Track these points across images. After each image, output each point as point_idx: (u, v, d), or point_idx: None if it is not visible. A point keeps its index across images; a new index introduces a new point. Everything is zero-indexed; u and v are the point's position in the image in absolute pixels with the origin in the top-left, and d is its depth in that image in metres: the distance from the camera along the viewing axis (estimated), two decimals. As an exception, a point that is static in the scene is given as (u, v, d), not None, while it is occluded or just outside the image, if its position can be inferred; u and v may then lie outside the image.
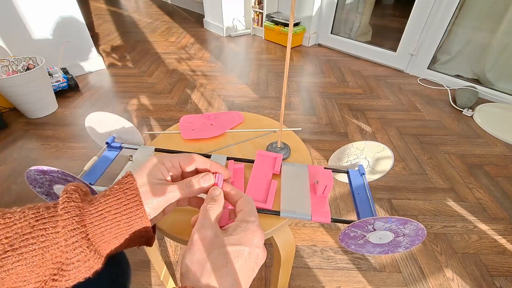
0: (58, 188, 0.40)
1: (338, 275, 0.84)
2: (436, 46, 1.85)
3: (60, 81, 1.66)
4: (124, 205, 0.26)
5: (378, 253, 0.41)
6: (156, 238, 0.33)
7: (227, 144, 0.56)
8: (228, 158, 0.49)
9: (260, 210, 0.41)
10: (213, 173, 0.32)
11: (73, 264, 0.24)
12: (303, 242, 0.93)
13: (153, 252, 0.74)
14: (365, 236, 0.38)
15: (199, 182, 0.30)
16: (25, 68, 1.51)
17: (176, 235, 0.39)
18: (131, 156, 0.49)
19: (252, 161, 0.49)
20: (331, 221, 0.40)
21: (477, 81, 1.79)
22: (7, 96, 1.39)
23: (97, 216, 0.25)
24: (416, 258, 0.88)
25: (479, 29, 1.72)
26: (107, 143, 0.51)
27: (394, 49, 2.06)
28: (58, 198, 0.31)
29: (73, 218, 0.24)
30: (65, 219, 0.24)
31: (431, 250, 0.91)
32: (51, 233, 0.24)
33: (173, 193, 0.29)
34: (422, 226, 0.35)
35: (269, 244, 0.93)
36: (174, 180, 0.31)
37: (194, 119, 0.62)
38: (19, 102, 1.43)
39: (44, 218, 0.24)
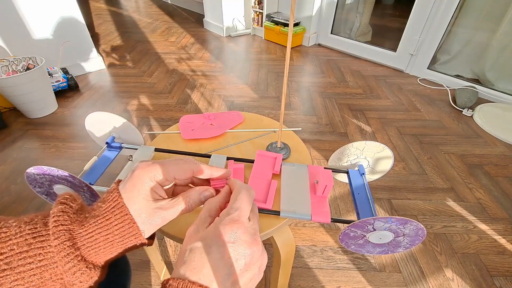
0: (58, 188, 0.40)
1: (338, 275, 0.84)
2: (436, 46, 1.85)
3: (60, 81, 1.66)
4: (115, 225, 0.25)
5: (378, 253, 0.41)
6: (156, 238, 0.33)
7: (227, 144, 0.56)
8: (228, 158, 0.49)
9: (260, 210, 0.41)
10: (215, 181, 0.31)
11: (76, 285, 0.24)
12: (303, 242, 0.93)
13: (153, 252, 0.74)
14: (365, 236, 0.38)
15: (200, 200, 0.29)
16: (25, 68, 1.51)
17: (176, 235, 0.39)
18: (131, 156, 0.49)
19: (252, 161, 0.49)
20: (331, 221, 0.40)
21: (477, 81, 1.79)
22: (7, 96, 1.39)
23: (88, 239, 0.25)
24: (416, 258, 0.88)
25: (479, 29, 1.72)
26: (107, 143, 0.51)
27: (394, 49, 2.06)
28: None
29: (64, 243, 0.24)
30: (56, 245, 0.23)
31: (431, 250, 0.91)
32: (48, 251, 0.23)
33: (171, 214, 0.27)
34: (422, 226, 0.35)
35: (269, 244, 0.93)
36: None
37: (194, 119, 0.62)
38: (19, 102, 1.43)
39: (42, 235, 0.24)
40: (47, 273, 0.23)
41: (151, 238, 0.30)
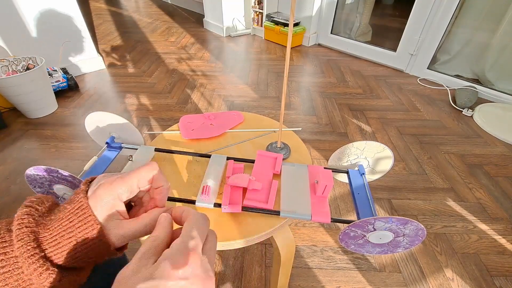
0: (58, 188, 0.40)
1: (338, 275, 0.84)
2: (436, 46, 1.85)
3: (60, 81, 1.66)
4: (77, 227, 0.25)
5: (378, 253, 0.41)
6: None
7: (227, 144, 0.56)
8: (228, 158, 0.49)
9: (260, 210, 0.41)
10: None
11: (46, 286, 0.24)
12: (303, 242, 0.93)
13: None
14: (365, 236, 0.38)
15: (156, 220, 0.27)
16: (25, 68, 1.51)
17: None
18: (131, 156, 0.49)
19: (252, 161, 0.49)
20: (331, 221, 0.40)
21: (477, 81, 1.79)
22: (7, 96, 1.39)
23: (51, 242, 0.24)
24: (416, 258, 0.88)
25: (479, 29, 1.72)
26: (107, 143, 0.51)
27: (394, 49, 2.06)
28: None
29: (28, 244, 0.23)
30: (19, 247, 0.23)
31: (431, 250, 0.91)
32: (11, 257, 0.23)
33: (130, 235, 0.27)
34: (422, 226, 0.35)
35: (269, 244, 0.93)
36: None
37: (194, 119, 0.62)
38: (19, 102, 1.43)
39: (5, 241, 0.23)
40: (12, 279, 0.23)
41: (122, 248, 0.29)
